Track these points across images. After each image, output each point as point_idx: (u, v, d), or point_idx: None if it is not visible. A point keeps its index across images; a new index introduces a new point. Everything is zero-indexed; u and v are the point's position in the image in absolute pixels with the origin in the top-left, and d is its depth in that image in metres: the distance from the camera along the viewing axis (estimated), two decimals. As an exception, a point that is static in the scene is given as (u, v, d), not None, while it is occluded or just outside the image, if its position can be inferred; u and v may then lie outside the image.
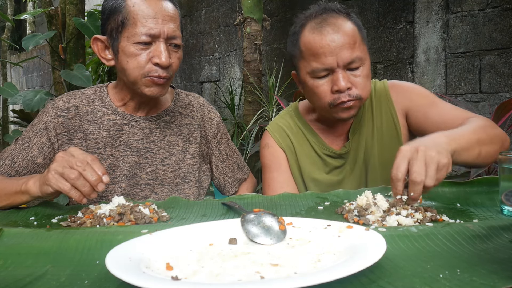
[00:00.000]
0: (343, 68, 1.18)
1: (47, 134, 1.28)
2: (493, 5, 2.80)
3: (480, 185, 1.05)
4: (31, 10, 9.15)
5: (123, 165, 1.30)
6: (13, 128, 6.75)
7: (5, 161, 1.26)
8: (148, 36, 1.17)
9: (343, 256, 0.65)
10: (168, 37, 1.19)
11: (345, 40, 1.16)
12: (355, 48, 1.17)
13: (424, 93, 1.30)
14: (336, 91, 1.18)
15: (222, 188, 1.48)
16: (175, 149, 1.35)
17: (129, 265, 0.62)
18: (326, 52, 1.16)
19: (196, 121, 1.39)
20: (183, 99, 1.41)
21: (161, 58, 1.17)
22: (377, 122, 1.32)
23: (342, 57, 1.16)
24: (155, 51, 1.18)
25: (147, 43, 1.18)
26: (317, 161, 1.34)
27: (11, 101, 3.32)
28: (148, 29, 1.17)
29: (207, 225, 0.82)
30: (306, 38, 1.20)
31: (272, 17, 4.04)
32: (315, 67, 1.18)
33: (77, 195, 0.99)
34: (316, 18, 1.21)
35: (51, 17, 3.57)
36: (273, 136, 1.36)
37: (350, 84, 1.18)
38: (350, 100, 1.18)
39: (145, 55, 1.18)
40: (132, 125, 1.31)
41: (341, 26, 1.18)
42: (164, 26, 1.18)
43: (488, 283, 0.55)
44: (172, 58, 1.21)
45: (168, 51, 1.19)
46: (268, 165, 1.36)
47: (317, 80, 1.20)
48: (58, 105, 1.31)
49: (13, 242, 0.80)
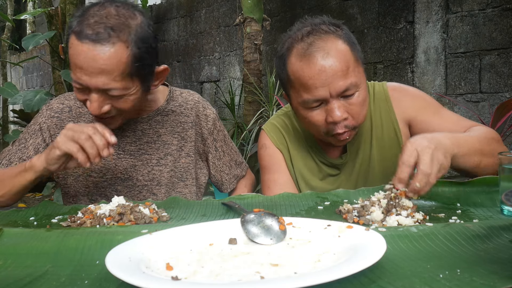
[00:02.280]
0: (337, 97, 1.08)
1: (41, 135, 1.29)
2: (493, 5, 2.80)
3: (480, 185, 1.05)
4: (31, 10, 9.15)
5: (116, 168, 1.30)
6: (13, 128, 6.75)
7: (2, 161, 1.28)
8: (79, 84, 1.09)
9: (343, 256, 0.65)
10: (99, 89, 1.08)
11: (336, 67, 1.05)
12: (349, 74, 1.07)
13: (429, 101, 1.25)
14: (331, 122, 1.10)
15: (220, 185, 1.46)
16: (170, 148, 1.34)
17: (129, 265, 0.62)
18: (317, 83, 1.06)
19: (190, 119, 1.37)
20: (177, 97, 1.38)
21: (90, 108, 1.11)
22: (377, 131, 1.25)
23: (335, 87, 1.06)
24: (88, 97, 1.11)
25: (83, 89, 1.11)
26: (312, 167, 1.29)
27: (11, 101, 3.32)
28: (77, 78, 1.09)
29: (207, 225, 0.82)
30: (293, 66, 1.10)
31: (272, 17, 4.04)
32: (306, 98, 1.09)
33: (83, 157, 1.03)
34: (302, 41, 1.09)
35: (51, 17, 3.57)
36: (270, 137, 1.31)
37: (346, 114, 1.10)
38: (346, 131, 1.12)
39: (83, 96, 1.12)
40: (123, 128, 1.29)
41: (331, 51, 1.06)
42: (91, 79, 1.06)
43: (488, 283, 0.55)
44: (113, 104, 1.12)
45: (99, 101, 1.10)
46: (267, 167, 1.31)
47: (309, 110, 1.12)
48: (52, 107, 1.32)
49: (13, 242, 0.80)
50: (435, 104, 1.25)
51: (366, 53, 3.46)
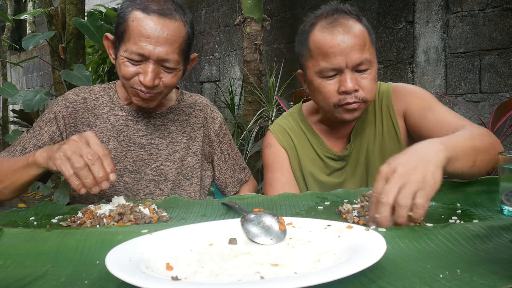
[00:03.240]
0: (352, 70, 1.17)
1: (56, 123, 1.32)
2: (493, 5, 2.80)
3: (480, 185, 1.05)
4: (31, 10, 9.15)
5: (125, 160, 1.33)
6: (13, 128, 6.75)
7: (16, 147, 1.30)
8: (137, 55, 1.18)
9: (343, 256, 0.65)
10: (159, 59, 1.18)
11: (355, 41, 1.16)
12: (365, 50, 1.18)
13: (424, 95, 1.28)
14: (342, 92, 1.18)
15: (224, 188, 1.49)
16: (178, 146, 1.38)
17: (129, 265, 0.62)
18: (336, 52, 1.16)
19: (199, 120, 1.42)
20: (187, 99, 1.45)
21: (145, 79, 1.18)
22: (378, 125, 1.32)
23: (352, 58, 1.16)
24: (143, 69, 1.19)
25: (137, 61, 1.19)
26: (318, 163, 1.35)
27: (11, 101, 3.32)
28: (139, 48, 1.17)
29: (207, 225, 0.82)
30: (316, 37, 1.20)
31: (272, 17, 4.04)
32: (324, 67, 1.18)
33: (76, 183, 0.97)
34: (327, 18, 1.21)
35: (51, 17, 3.56)
36: (276, 136, 1.36)
37: (358, 86, 1.18)
38: (355, 102, 1.18)
39: (134, 68, 1.20)
40: (137, 121, 1.35)
41: (352, 28, 1.18)
42: (155, 49, 1.17)
43: (488, 283, 0.55)
44: (163, 77, 1.21)
45: (155, 73, 1.19)
46: (270, 165, 1.36)
47: (324, 79, 1.20)
48: (67, 97, 1.35)
49: (13, 242, 0.80)
50: (430, 98, 1.28)
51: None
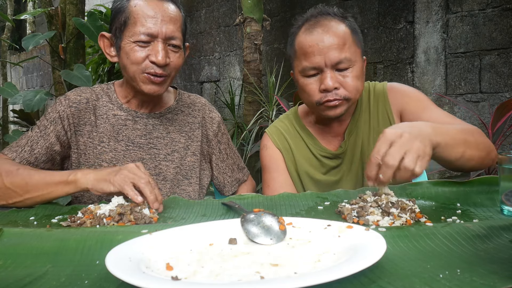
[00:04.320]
0: (332, 68, 1.21)
1: (61, 123, 1.31)
2: (493, 5, 2.80)
3: (480, 185, 1.05)
4: (31, 10, 9.15)
5: (124, 160, 1.33)
6: (13, 128, 6.75)
7: (24, 147, 1.29)
8: (146, 35, 1.22)
9: (343, 256, 0.65)
10: (166, 37, 1.23)
11: (333, 40, 1.20)
12: (344, 49, 1.21)
13: (420, 97, 1.32)
14: (323, 90, 1.22)
15: (222, 188, 1.50)
16: (177, 146, 1.38)
17: (129, 265, 0.62)
18: (315, 51, 1.21)
19: (197, 120, 1.43)
20: (186, 99, 1.46)
21: (157, 57, 1.22)
22: (373, 122, 1.34)
23: (330, 57, 1.20)
24: (152, 50, 1.23)
25: (146, 42, 1.22)
26: (314, 163, 1.37)
27: (11, 101, 3.32)
28: (147, 28, 1.21)
29: (207, 225, 0.82)
30: (299, 38, 1.26)
31: (272, 17, 4.04)
32: (305, 66, 1.23)
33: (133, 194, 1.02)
34: (310, 20, 1.27)
35: (51, 17, 3.56)
36: (271, 138, 1.40)
37: (338, 84, 1.21)
38: (336, 99, 1.21)
39: (143, 53, 1.23)
40: (136, 121, 1.35)
41: (332, 28, 1.22)
42: (162, 26, 1.22)
43: (488, 283, 0.55)
44: (171, 57, 1.25)
45: (165, 51, 1.23)
46: (268, 166, 1.40)
47: (306, 78, 1.25)
48: (70, 97, 1.35)
49: (13, 242, 0.80)
50: (426, 100, 1.31)
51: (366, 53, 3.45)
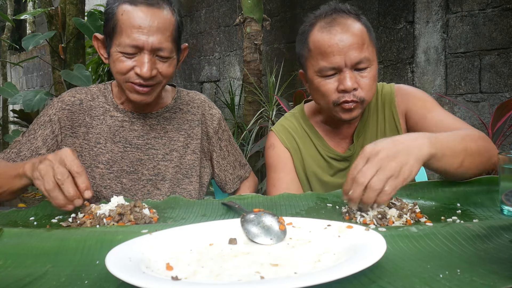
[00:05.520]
0: (351, 68, 1.18)
1: (51, 126, 1.31)
2: (493, 5, 2.80)
3: (480, 185, 1.05)
4: (31, 10, 9.14)
5: (122, 161, 1.33)
6: (13, 128, 6.75)
7: (12, 149, 1.32)
8: (132, 47, 1.18)
9: (343, 256, 0.65)
10: (153, 48, 1.19)
11: (353, 40, 1.17)
12: (364, 49, 1.18)
13: (425, 98, 1.30)
14: (342, 90, 1.18)
15: (223, 185, 1.48)
16: (176, 145, 1.37)
17: (129, 265, 0.62)
18: (335, 51, 1.17)
19: (197, 117, 1.41)
20: (184, 96, 1.44)
21: (142, 69, 1.18)
22: (380, 125, 1.33)
23: (350, 57, 1.17)
24: (138, 61, 1.19)
25: (131, 54, 1.19)
26: (322, 164, 1.34)
27: (11, 101, 3.32)
28: (132, 40, 1.17)
29: (207, 225, 0.82)
30: (315, 37, 1.21)
31: (272, 17, 4.04)
32: (323, 66, 1.19)
33: (53, 202, 0.98)
34: (326, 17, 1.22)
35: (51, 17, 3.57)
36: (279, 137, 1.36)
37: (357, 84, 1.19)
38: (353, 101, 1.19)
39: (129, 63, 1.20)
40: (133, 122, 1.34)
41: (350, 27, 1.19)
42: (149, 38, 1.17)
43: (488, 283, 0.55)
44: (159, 67, 1.21)
45: (151, 63, 1.19)
46: (274, 165, 1.35)
47: (324, 78, 1.21)
48: (63, 99, 1.34)
49: (13, 242, 0.80)
50: (431, 102, 1.29)
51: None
